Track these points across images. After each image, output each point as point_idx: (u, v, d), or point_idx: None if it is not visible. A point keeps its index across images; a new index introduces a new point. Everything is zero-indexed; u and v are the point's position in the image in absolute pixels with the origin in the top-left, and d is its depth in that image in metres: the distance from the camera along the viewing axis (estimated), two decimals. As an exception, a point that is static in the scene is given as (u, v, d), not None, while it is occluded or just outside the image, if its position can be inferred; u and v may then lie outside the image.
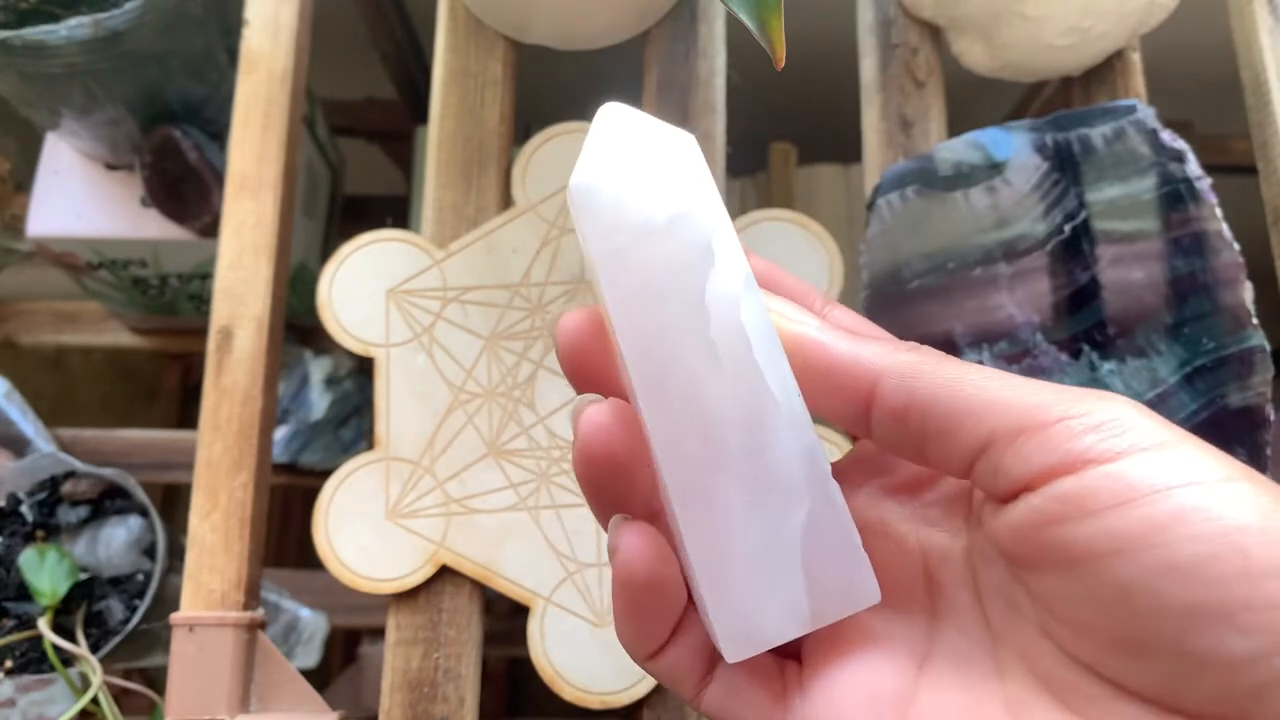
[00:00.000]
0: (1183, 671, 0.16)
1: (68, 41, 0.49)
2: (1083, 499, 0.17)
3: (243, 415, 0.42)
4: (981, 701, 0.19)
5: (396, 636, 0.40)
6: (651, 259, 0.20)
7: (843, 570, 0.20)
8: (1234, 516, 0.16)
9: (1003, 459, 0.18)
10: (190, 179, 0.59)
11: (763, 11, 0.29)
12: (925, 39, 0.47)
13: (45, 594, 0.49)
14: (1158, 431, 0.17)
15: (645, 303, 0.20)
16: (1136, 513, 0.16)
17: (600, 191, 0.20)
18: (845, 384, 0.20)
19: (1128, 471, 0.17)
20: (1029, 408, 0.18)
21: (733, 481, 0.20)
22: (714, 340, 0.20)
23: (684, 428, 0.20)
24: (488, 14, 0.46)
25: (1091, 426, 0.17)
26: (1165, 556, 0.16)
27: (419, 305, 0.42)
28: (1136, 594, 0.16)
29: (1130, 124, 0.40)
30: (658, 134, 0.21)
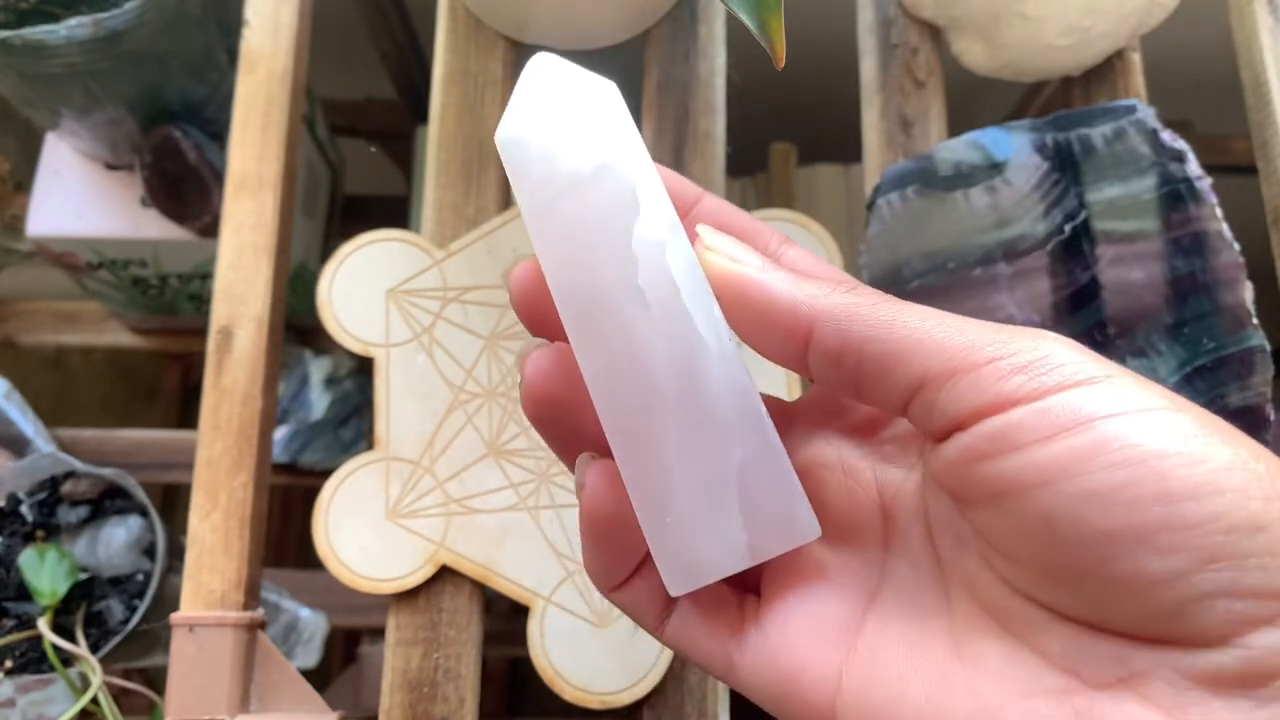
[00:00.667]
0: (1108, 595, 0.17)
1: (68, 41, 0.49)
2: (1009, 435, 0.17)
3: (243, 415, 0.42)
4: (925, 630, 0.20)
5: (396, 636, 0.40)
6: (579, 208, 0.20)
7: (780, 506, 0.21)
8: (1152, 443, 0.17)
9: (936, 399, 0.19)
10: (190, 179, 0.59)
11: (763, 11, 0.29)
12: (925, 39, 0.47)
13: (45, 594, 0.49)
14: (1087, 366, 0.18)
15: (574, 252, 0.20)
16: (1059, 445, 0.17)
17: (526, 144, 0.21)
18: (782, 326, 0.20)
19: (1053, 407, 0.17)
20: (960, 348, 0.18)
21: (667, 423, 0.20)
22: (641, 287, 0.20)
23: (616, 372, 0.20)
24: (487, 14, 0.46)
25: (1020, 366, 0.18)
26: (1086, 485, 0.17)
27: (419, 305, 0.42)
28: (1060, 523, 0.17)
29: (1130, 124, 0.40)
30: (583, 84, 0.21)
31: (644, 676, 0.39)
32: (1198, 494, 0.16)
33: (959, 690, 0.18)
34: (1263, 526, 0.16)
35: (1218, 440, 0.17)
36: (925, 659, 0.19)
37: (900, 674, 0.19)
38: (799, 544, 0.21)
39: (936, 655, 0.19)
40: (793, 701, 0.20)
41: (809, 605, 0.21)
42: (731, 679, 0.22)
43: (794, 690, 0.20)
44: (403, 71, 0.77)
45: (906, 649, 0.20)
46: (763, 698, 0.21)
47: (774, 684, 0.21)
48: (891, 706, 0.19)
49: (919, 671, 0.19)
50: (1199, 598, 0.16)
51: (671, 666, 0.39)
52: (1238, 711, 0.16)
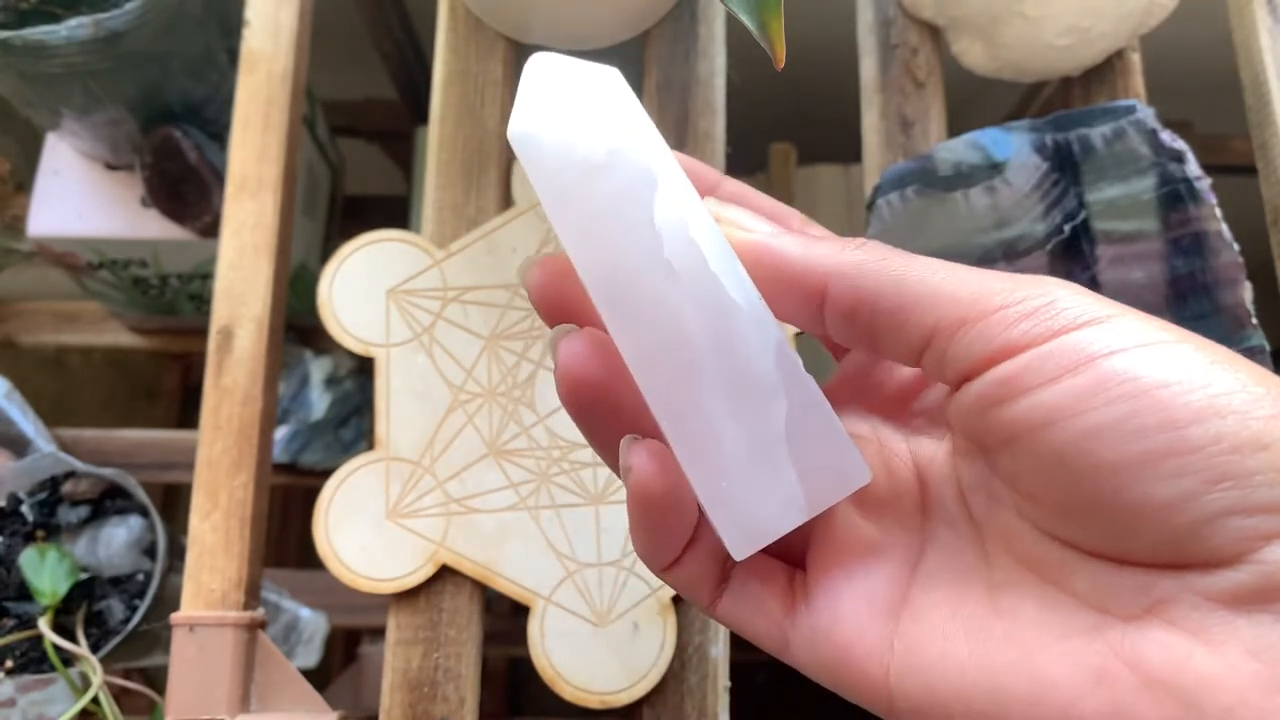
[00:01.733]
0: (1124, 524, 0.17)
1: (68, 42, 0.49)
2: (1017, 379, 0.18)
3: (243, 415, 0.42)
4: (966, 589, 0.20)
5: (396, 636, 0.40)
6: (598, 194, 0.21)
7: (831, 455, 0.21)
8: (1154, 374, 0.17)
9: (947, 349, 0.19)
10: (190, 179, 0.59)
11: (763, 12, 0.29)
12: (925, 39, 0.47)
13: (45, 594, 0.49)
14: (1093, 307, 0.18)
15: (600, 237, 0.21)
16: (1065, 384, 0.18)
17: (539, 136, 0.21)
18: (798, 286, 0.21)
19: (1058, 349, 0.18)
20: (969, 298, 0.19)
21: (711, 388, 0.21)
22: (669, 260, 0.20)
23: (655, 346, 0.21)
24: (488, 14, 0.46)
25: (1027, 313, 0.18)
26: (1092, 420, 0.17)
27: (419, 305, 0.42)
28: (1071, 459, 0.18)
29: (1130, 124, 0.40)
30: (586, 74, 0.22)
31: (644, 676, 0.39)
32: (1200, 418, 0.17)
33: (999, 642, 0.19)
34: (1266, 445, 0.16)
35: (1220, 367, 0.17)
36: (967, 617, 0.20)
37: (945, 634, 0.20)
38: (854, 489, 0.21)
39: (977, 612, 0.20)
40: (848, 674, 0.21)
41: (856, 579, 0.22)
42: (786, 655, 0.22)
43: (848, 663, 0.21)
44: (403, 72, 0.77)
45: (950, 610, 0.20)
46: (818, 672, 0.21)
47: (829, 658, 0.21)
48: (939, 666, 0.20)
49: (962, 630, 0.20)
50: (1209, 518, 0.17)
51: (671, 666, 0.39)
52: (1260, 625, 0.16)
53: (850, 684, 0.21)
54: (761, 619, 0.22)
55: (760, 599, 0.22)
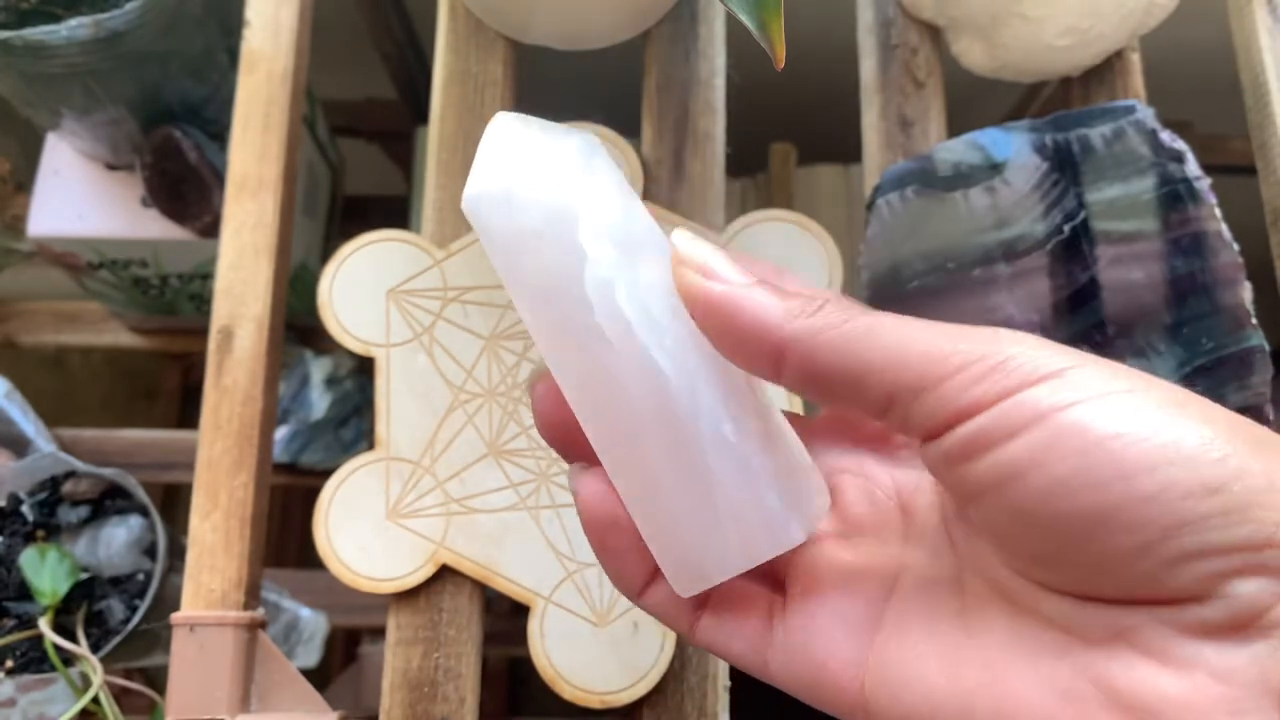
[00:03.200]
0: (1091, 571, 0.18)
1: (68, 42, 0.49)
2: (977, 439, 0.19)
3: (243, 415, 0.42)
4: (938, 612, 0.21)
5: (397, 636, 0.40)
6: (537, 261, 0.22)
7: (769, 512, 0.22)
8: (1105, 426, 0.17)
9: (908, 413, 0.20)
10: (191, 179, 0.59)
11: (763, 12, 0.29)
12: (925, 39, 0.47)
13: (46, 594, 0.49)
14: (1048, 361, 0.19)
15: (541, 301, 0.22)
16: (1022, 441, 0.18)
17: (483, 209, 0.22)
18: (752, 346, 0.21)
19: (1013, 408, 0.18)
20: (926, 362, 0.19)
21: (647, 444, 0.21)
22: (599, 325, 0.21)
23: (595, 402, 0.22)
24: (488, 14, 0.46)
25: (983, 374, 0.19)
26: (1050, 475, 0.18)
27: (419, 305, 0.42)
28: (1033, 514, 0.18)
29: (1129, 124, 0.40)
30: (540, 138, 0.22)
31: (644, 676, 0.39)
32: (1151, 467, 0.17)
33: (970, 663, 0.20)
34: (1216, 488, 0.17)
35: (1169, 412, 0.18)
36: (939, 638, 0.21)
37: (918, 654, 0.21)
38: (785, 549, 0.22)
39: (949, 633, 0.21)
40: (824, 690, 0.22)
41: (831, 602, 0.22)
42: (766, 675, 0.23)
43: (823, 680, 0.22)
44: (403, 72, 0.77)
45: (922, 632, 0.21)
46: (796, 688, 0.22)
47: (805, 676, 0.22)
48: (911, 684, 0.20)
49: (934, 650, 0.20)
50: (1170, 563, 0.17)
51: (671, 666, 0.39)
52: (1226, 652, 0.17)
53: (827, 700, 0.22)
54: (739, 642, 0.23)
55: (738, 623, 0.23)
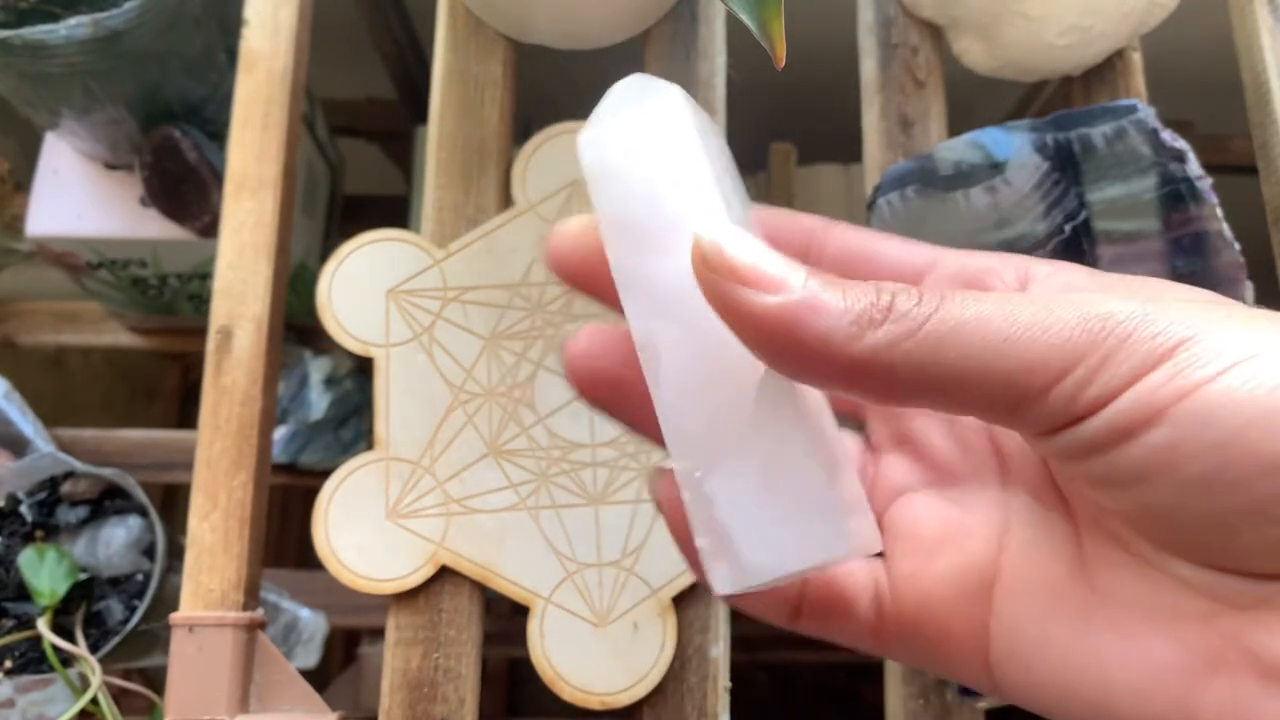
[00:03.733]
0: (1236, 559, 0.17)
1: (67, 41, 0.49)
2: (1094, 441, 0.17)
3: (242, 415, 0.42)
4: (1057, 564, 0.19)
5: (396, 637, 0.40)
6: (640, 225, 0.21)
7: (827, 515, 0.20)
8: (1237, 414, 0.16)
9: (1012, 421, 0.18)
10: (190, 179, 0.59)
11: (763, 11, 0.29)
12: (925, 38, 0.47)
13: (44, 594, 0.49)
14: (1167, 330, 0.17)
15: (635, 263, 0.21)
16: (1146, 441, 0.16)
17: (598, 160, 0.22)
18: (821, 371, 0.18)
19: (1132, 405, 0.16)
20: (1027, 368, 0.17)
21: (712, 427, 0.20)
22: (681, 308, 0.21)
23: (685, 373, 0.21)
24: (488, 14, 0.46)
25: (1095, 370, 0.17)
26: (1181, 477, 0.16)
27: (419, 305, 0.42)
28: (1171, 513, 0.17)
29: (1131, 124, 0.40)
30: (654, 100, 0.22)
31: (644, 676, 0.39)
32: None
33: (1101, 626, 0.18)
34: None
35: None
36: (1063, 597, 0.19)
37: (1042, 615, 0.19)
38: (841, 558, 0.20)
39: (1073, 591, 0.19)
40: (946, 663, 0.20)
41: (939, 561, 0.20)
42: (881, 651, 0.21)
43: (944, 653, 0.20)
44: (403, 71, 0.77)
45: (1044, 589, 0.19)
46: (918, 663, 0.21)
47: (924, 651, 0.20)
48: (1040, 652, 0.19)
49: (1059, 611, 0.19)
50: None
51: (671, 667, 0.39)
52: None
53: (950, 672, 0.20)
54: (849, 624, 0.21)
55: (842, 608, 0.21)
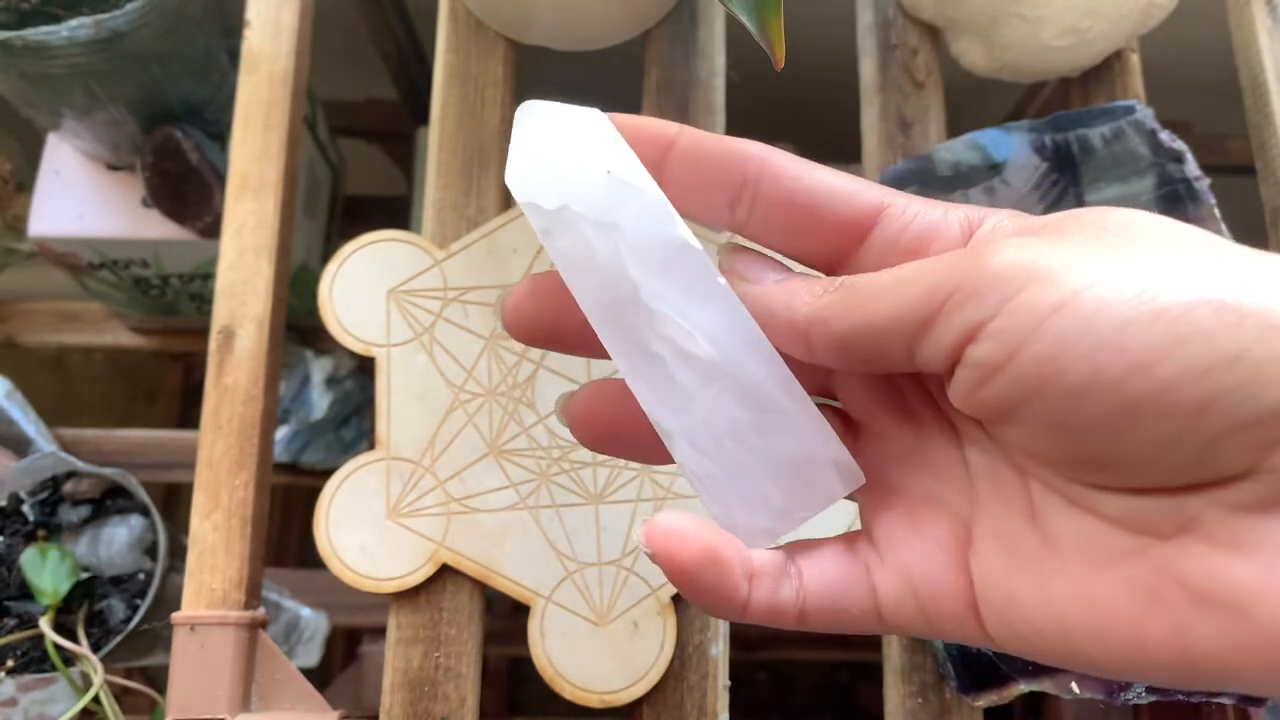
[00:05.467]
0: (1135, 467, 0.18)
1: (69, 42, 0.49)
2: (985, 361, 0.18)
3: (244, 415, 0.42)
4: (1011, 519, 0.20)
5: (397, 635, 0.40)
6: (577, 236, 0.22)
7: (812, 463, 0.22)
8: (1106, 320, 0.17)
9: (923, 355, 0.20)
10: (191, 179, 0.59)
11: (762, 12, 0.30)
12: (924, 40, 0.47)
13: (47, 593, 0.50)
14: (1032, 256, 0.18)
15: (582, 273, 0.22)
16: (1030, 354, 0.17)
17: (525, 184, 0.22)
18: (785, 337, 0.21)
19: (1010, 322, 0.18)
20: (922, 299, 0.19)
21: (724, 393, 0.22)
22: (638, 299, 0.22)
23: (639, 361, 0.22)
24: (488, 14, 0.46)
25: (970, 295, 0.18)
26: (1066, 384, 0.17)
27: (419, 305, 0.42)
28: (1062, 423, 0.18)
29: (1129, 124, 0.40)
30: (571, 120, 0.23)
31: (644, 675, 0.39)
32: (1163, 354, 0.16)
33: (1053, 575, 0.19)
34: (1235, 357, 0.16)
35: (1172, 281, 0.17)
36: (1019, 551, 0.20)
37: (1006, 570, 0.20)
38: (841, 495, 0.22)
39: (1027, 545, 0.20)
40: (945, 626, 0.21)
41: (923, 529, 0.22)
42: (884, 628, 0.22)
43: (941, 616, 0.21)
44: (403, 72, 0.77)
45: (1003, 546, 0.20)
46: (919, 631, 0.22)
47: (921, 619, 0.21)
48: (1010, 606, 0.20)
49: (1018, 566, 0.20)
50: (1208, 444, 0.16)
51: (671, 666, 0.39)
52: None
53: (951, 635, 0.21)
54: (853, 614, 0.22)
55: (842, 595, 0.22)
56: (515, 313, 0.24)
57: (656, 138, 0.22)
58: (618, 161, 0.22)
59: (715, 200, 0.22)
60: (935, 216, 0.22)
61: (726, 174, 0.22)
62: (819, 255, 0.23)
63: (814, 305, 0.21)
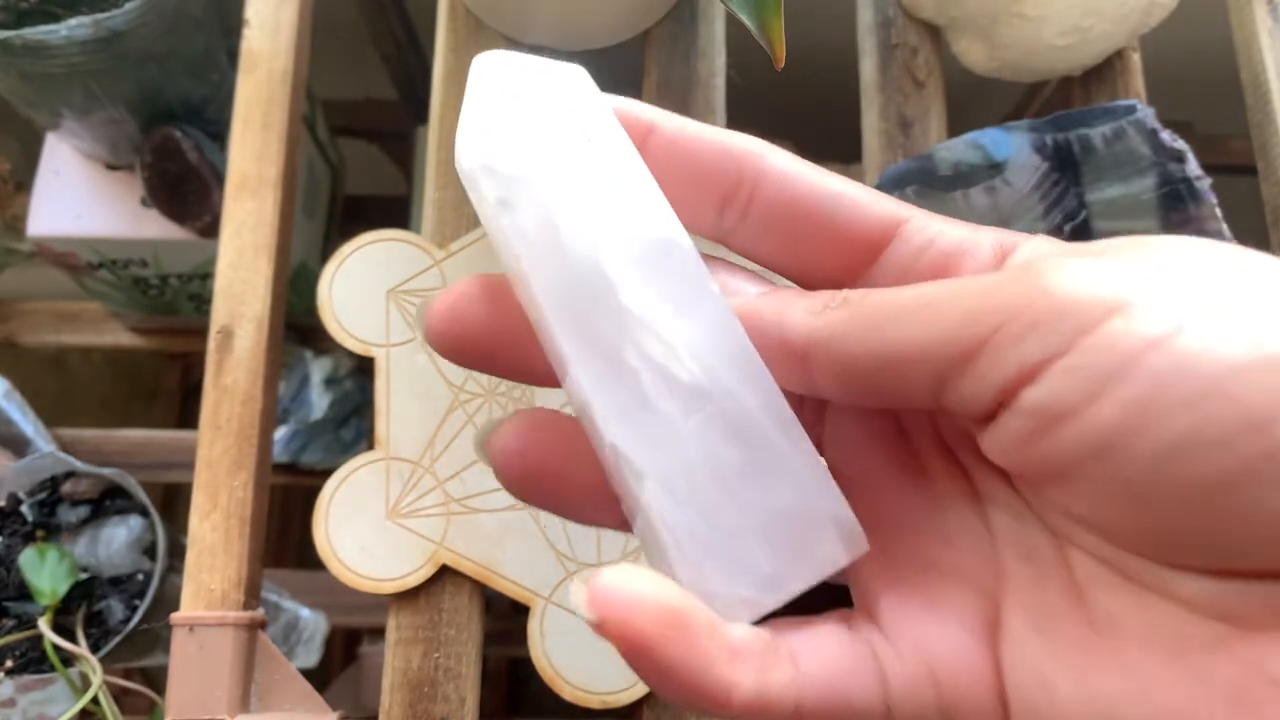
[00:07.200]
0: (1232, 543, 0.14)
1: (68, 41, 0.49)
2: (1050, 406, 0.15)
3: (243, 415, 0.42)
4: (1048, 593, 0.17)
5: (396, 636, 0.40)
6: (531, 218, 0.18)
7: (812, 525, 0.18)
8: (1215, 364, 0.14)
9: (960, 392, 0.16)
10: (190, 179, 0.59)
11: (763, 11, 0.29)
12: (925, 39, 0.47)
13: (45, 594, 0.49)
14: (1109, 284, 0.15)
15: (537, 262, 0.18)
16: (1112, 398, 0.14)
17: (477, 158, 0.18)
18: (777, 357, 0.18)
19: (1088, 359, 0.14)
20: (965, 321, 0.16)
21: (711, 434, 0.18)
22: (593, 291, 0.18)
23: (636, 411, 0.18)
24: (488, 14, 0.46)
25: (1031, 322, 0.15)
26: (1159, 439, 0.14)
27: (419, 305, 0.42)
28: (1145, 488, 0.15)
29: (1130, 124, 0.40)
30: (538, 78, 0.18)
31: (644, 676, 0.39)
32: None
33: (1105, 668, 0.16)
34: None
35: None
36: (1060, 635, 0.16)
37: (1042, 659, 0.16)
38: (836, 567, 0.18)
39: (1070, 628, 0.16)
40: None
41: (940, 605, 0.18)
42: None
43: (962, 710, 0.17)
44: (403, 72, 0.77)
45: (1040, 628, 0.17)
46: None
47: (937, 714, 0.17)
48: (1045, 699, 0.16)
49: (1059, 652, 0.16)
50: None
51: (671, 666, 0.39)
52: None
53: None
54: (855, 699, 0.17)
55: (842, 683, 0.17)
56: (450, 320, 0.19)
57: (632, 122, 0.19)
58: (601, 130, 0.18)
59: (701, 201, 0.19)
60: (961, 235, 0.18)
61: (718, 171, 0.19)
62: (819, 273, 0.19)
63: (814, 324, 0.17)
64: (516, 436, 0.19)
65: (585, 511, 0.20)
